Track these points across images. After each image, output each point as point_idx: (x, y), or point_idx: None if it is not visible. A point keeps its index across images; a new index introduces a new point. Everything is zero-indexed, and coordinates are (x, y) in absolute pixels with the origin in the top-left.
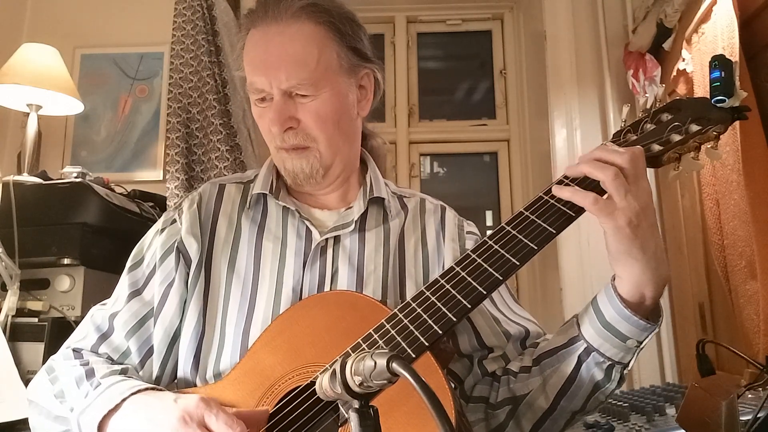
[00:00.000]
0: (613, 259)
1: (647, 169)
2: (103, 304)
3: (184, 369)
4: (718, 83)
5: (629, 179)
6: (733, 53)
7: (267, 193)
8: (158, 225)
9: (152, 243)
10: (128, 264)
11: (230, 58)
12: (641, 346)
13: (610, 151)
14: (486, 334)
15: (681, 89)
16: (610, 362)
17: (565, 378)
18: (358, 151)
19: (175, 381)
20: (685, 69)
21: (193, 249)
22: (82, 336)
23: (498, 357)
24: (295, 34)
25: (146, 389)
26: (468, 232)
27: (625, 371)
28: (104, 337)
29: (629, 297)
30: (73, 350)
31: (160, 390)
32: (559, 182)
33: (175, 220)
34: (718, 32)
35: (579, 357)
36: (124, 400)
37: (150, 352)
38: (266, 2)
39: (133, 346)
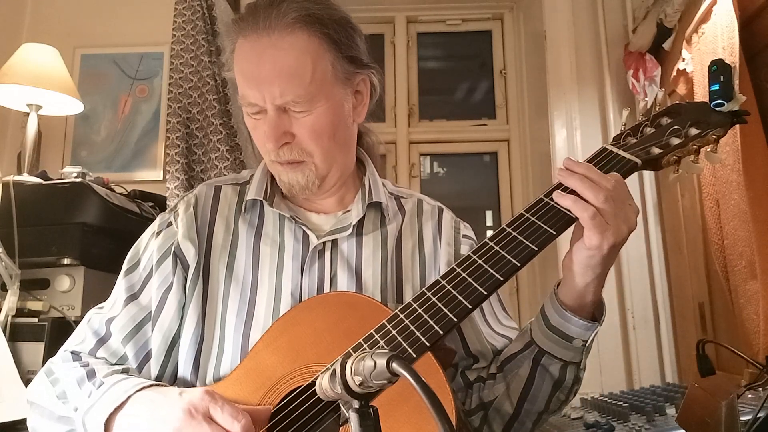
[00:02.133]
0: (570, 267)
1: (648, 171)
2: (100, 308)
3: (183, 374)
4: (717, 87)
5: (616, 204)
6: (733, 53)
7: (261, 199)
8: (154, 227)
9: (148, 246)
10: (124, 267)
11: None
12: (587, 345)
13: (596, 173)
14: (473, 344)
15: (681, 89)
16: (562, 362)
17: (524, 381)
18: (354, 156)
19: (175, 384)
20: (685, 69)
21: (190, 254)
22: (80, 340)
23: (481, 368)
24: (288, 47)
25: (150, 386)
26: (464, 236)
27: (579, 371)
28: (102, 341)
29: (571, 302)
30: (72, 353)
31: (164, 386)
32: (560, 185)
33: (171, 223)
34: (718, 32)
35: (534, 360)
36: (129, 397)
37: (147, 356)
38: (257, 11)
39: (130, 351)
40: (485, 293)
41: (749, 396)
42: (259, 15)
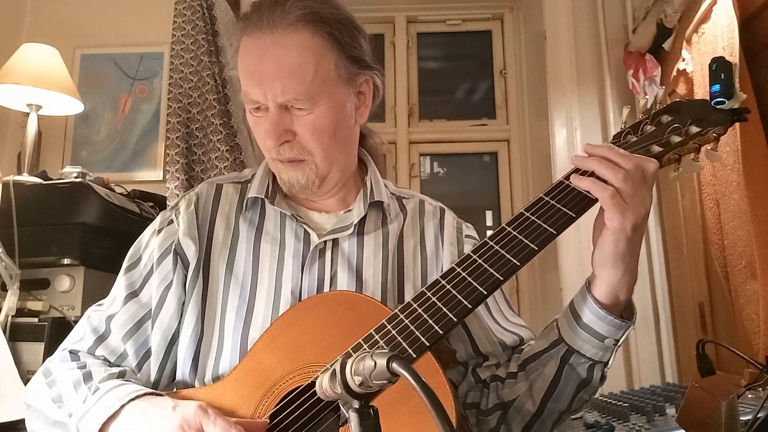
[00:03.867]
0: (601, 260)
1: None
2: (100, 305)
3: (182, 372)
4: (718, 85)
5: (635, 184)
6: (733, 53)
7: (263, 197)
8: (155, 225)
9: (149, 244)
10: (125, 265)
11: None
12: (618, 344)
13: (617, 153)
14: (482, 342)
15: (681, 89)
16: (591, 362)
17: (549, 381)
18: (356, 157)
19: (174, 383)
20: (685, 69)
21: (190, 251)
22: (79, 338)
23: (491, 365)
24: (292, 45)
25: (144, 394)
26: (467, 236)
27: (605, 369)
28: (101, 339)
29: (604, 299)
30: (70, 352)
31: (159, 395)
32: (560, 183)
33: (172, 221)
34: (718, 32)
35: (561, 359)
36: (122, 406)
37: (147, 354)
38: (261, 9)
39: (129, 348)
40: (485, 293)
41: (749, 396)
42: (263, 13)
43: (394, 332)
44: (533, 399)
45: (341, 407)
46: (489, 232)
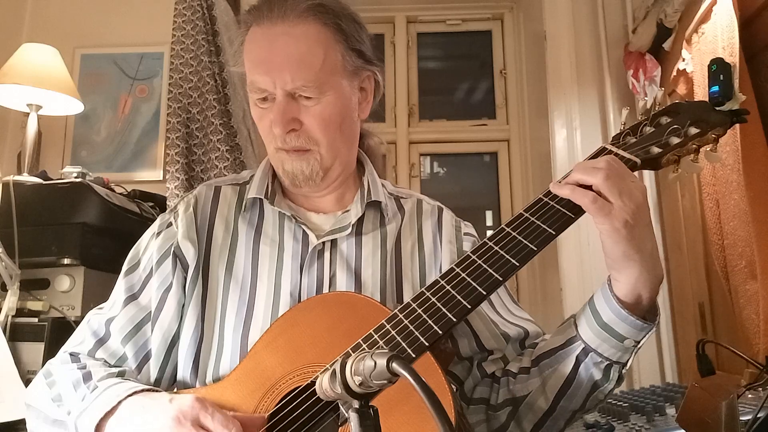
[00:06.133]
0: (610, 263)
1: (647, 171)
2: (100, 309)
3: (183, 374)
4: (717, 86)
5: (618, 178)
6: (733, 53)
7: (262, 197)
8: (154, 228)
9: (148, 247)
10: (124, 268)
11: (229, 56)
12: (639, 346)
13: (586, 163)
14: (485, 337)
15: (681, 89)
16: (608, 362)
17: (563, 378)
18: (356, 154)
19: (175, 384)
20: (685, 69)
21: (189, 254)
22: (79, 341)
23: (497, 359)
24: (301, 34)
25: (142, 390)
26: (465, 234)
27: (623, 370)
28: (101, 342)
29: (626, 298)
30: (71, 354)
31: (157, 391)
32: (547, 192)
33: (171, 224)
34: (718, 32)
35: (577, 357)
36: (120, 402)
37: (147, 357)
38: (271, 1)
39: (129, 351)
40: (484, 293)
41: (749, 396)
42: (273, 4)
43: (393, 332)
44: (546, 396)
45: (341, 407)
46: (489, 233)
